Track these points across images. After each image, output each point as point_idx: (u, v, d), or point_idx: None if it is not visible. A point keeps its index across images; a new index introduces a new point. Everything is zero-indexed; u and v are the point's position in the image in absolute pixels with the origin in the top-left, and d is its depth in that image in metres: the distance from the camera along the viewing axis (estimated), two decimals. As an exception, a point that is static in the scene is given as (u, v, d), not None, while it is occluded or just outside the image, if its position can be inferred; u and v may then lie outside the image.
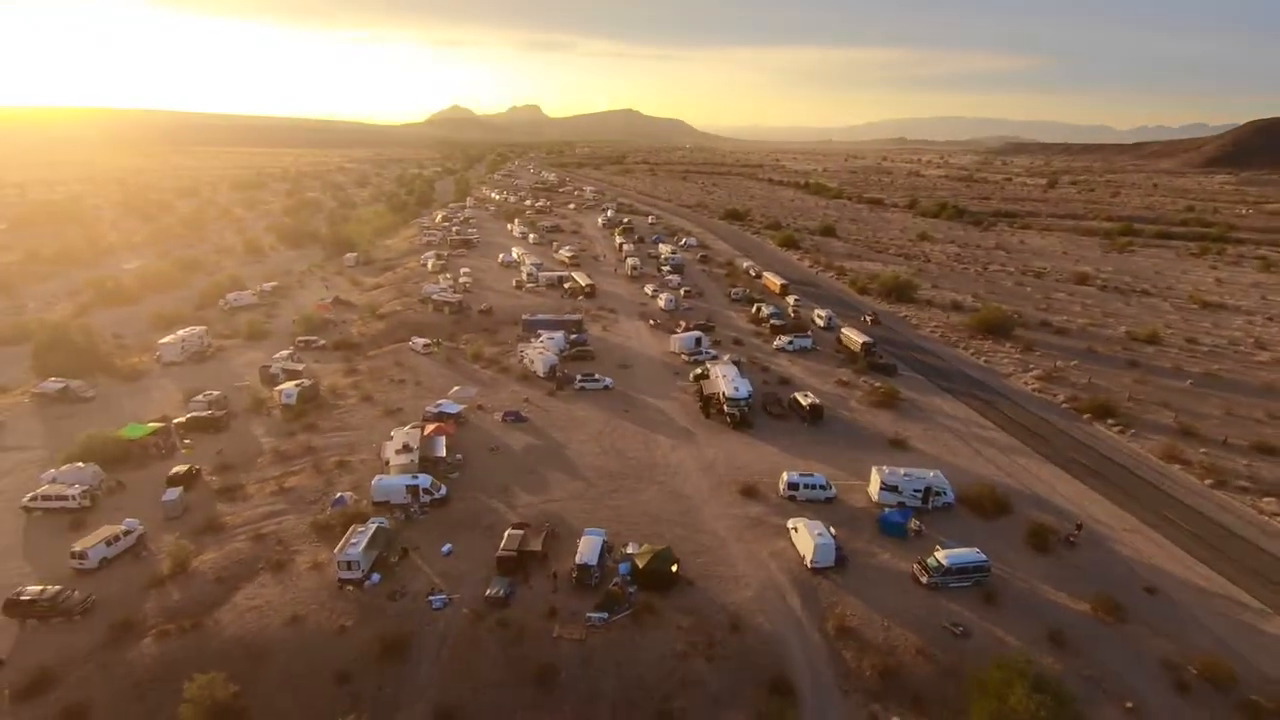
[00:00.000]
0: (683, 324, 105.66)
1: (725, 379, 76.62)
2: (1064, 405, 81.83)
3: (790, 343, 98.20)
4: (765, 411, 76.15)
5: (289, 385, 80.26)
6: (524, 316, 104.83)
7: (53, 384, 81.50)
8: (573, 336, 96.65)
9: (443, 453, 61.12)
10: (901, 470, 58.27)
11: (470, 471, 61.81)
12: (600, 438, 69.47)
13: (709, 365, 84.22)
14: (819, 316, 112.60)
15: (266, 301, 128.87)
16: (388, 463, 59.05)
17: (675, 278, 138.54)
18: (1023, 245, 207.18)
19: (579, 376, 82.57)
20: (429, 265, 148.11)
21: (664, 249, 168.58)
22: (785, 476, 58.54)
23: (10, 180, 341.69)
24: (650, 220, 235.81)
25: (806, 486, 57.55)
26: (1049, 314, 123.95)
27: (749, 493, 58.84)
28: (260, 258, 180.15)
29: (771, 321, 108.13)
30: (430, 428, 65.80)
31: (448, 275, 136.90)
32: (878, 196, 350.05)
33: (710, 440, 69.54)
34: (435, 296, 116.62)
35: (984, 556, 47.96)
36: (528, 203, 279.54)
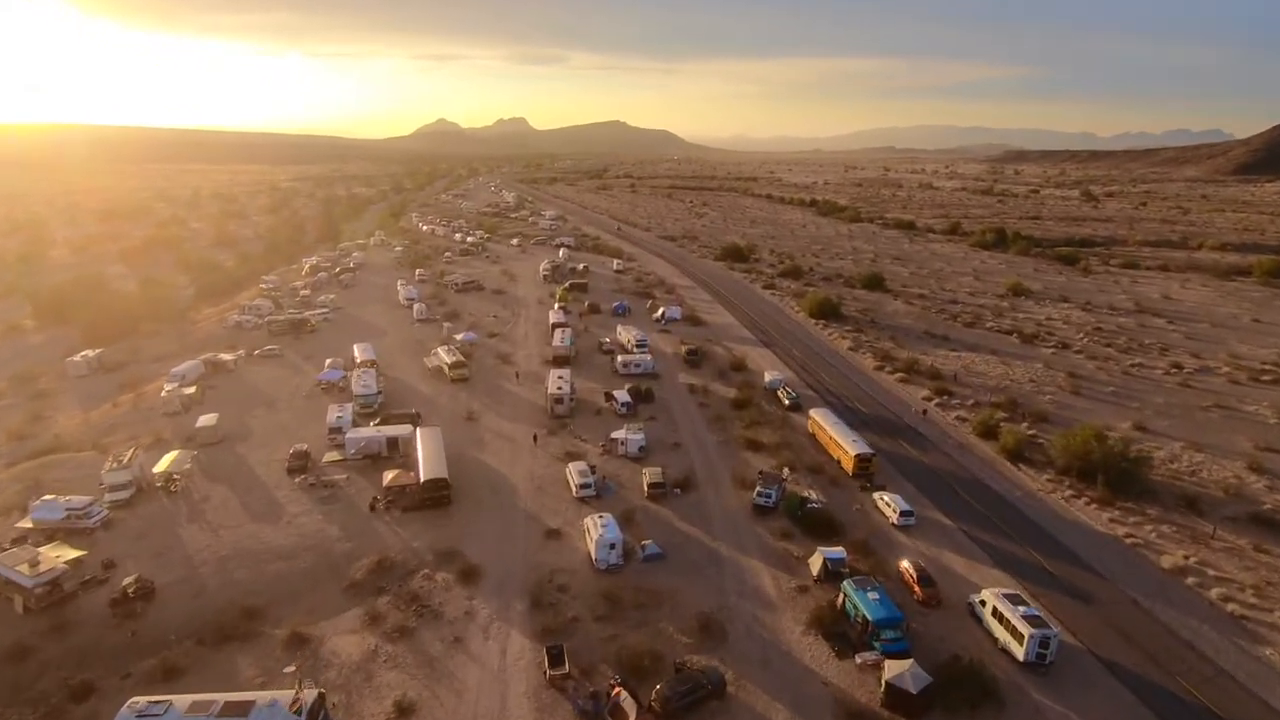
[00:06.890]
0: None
1: None
2: None
3: None
4: None
5: None
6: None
7: None
8: None
9: None
10: None
11: None
12: None
13: None
14: (1010, 622, 42.01)
15: None
16: None
17: (636, 437, 67.13)
18: (1169, 303, 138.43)
19: None
20: (164, 394, 76.93)
21: (626, 337, 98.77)
22: None
23: None
24: (616, 266, 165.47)
25: None
26: None
27: None
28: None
29: (887, 682, 37.43)
30: None
31: (131, 452, 60.80)
32: (906, 218, 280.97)
33: None
34: (5, 573, 45.10)
35: None
36: (457, 237, 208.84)
